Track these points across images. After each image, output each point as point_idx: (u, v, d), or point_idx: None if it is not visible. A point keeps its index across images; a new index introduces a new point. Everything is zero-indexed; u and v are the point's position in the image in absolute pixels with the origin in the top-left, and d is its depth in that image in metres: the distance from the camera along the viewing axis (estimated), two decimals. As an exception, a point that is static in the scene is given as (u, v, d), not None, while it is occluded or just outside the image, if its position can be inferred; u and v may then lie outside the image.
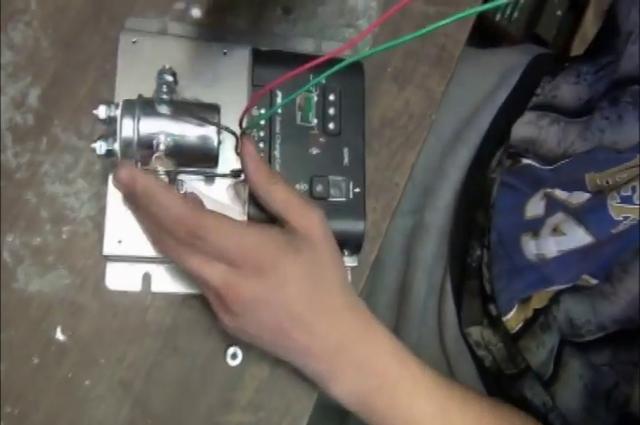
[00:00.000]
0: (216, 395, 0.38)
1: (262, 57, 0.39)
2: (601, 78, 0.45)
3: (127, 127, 0.33)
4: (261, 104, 0.38)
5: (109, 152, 0.34)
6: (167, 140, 0.34)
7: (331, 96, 0.40)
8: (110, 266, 0.37)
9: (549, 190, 0.43)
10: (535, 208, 0.43)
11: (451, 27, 0.44)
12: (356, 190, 0.39)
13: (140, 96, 0.34)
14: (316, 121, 0.39)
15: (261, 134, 0.38)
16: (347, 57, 0.28)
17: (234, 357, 0.38)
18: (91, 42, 0.39)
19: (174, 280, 0.37)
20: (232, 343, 0.38)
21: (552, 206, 0.42)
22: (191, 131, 0.34)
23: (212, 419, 0.38)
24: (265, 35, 0.42)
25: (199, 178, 0.37)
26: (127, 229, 0.36)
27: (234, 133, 0.36)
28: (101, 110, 0.33)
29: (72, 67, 0.39)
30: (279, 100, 0.39)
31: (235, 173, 0.37)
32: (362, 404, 0.34)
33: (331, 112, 0.39)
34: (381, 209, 0.42)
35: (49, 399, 0.36)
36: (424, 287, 0.50)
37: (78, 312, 0.37)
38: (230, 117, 0.36)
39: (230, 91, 0.38)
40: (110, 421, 0.36)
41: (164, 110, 0.34)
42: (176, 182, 0.37)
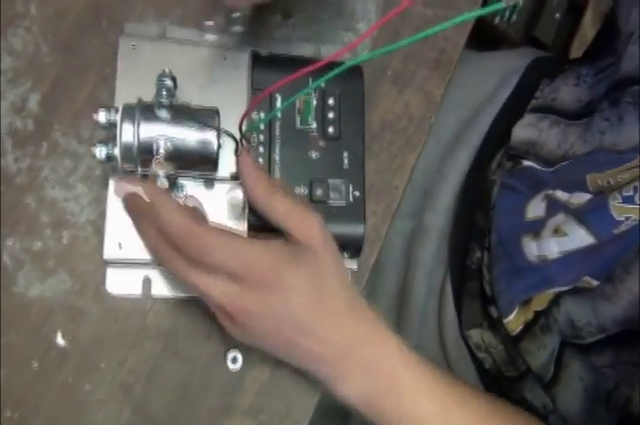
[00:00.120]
0: (217, 399, 0.38)
1: (262, 61, 0.39)
2: (601, 80, 0.45)
3: (127, 132, 0.33)
4: (261, 107, 0.38)
5: (109, 157, 0.34)
6: (166, 144, 0.34)
7: (331, 100, 0.40)
8: (110, 270, 0.37)
9: (550, 192, 0.43)
10: (536, 209, 0.43)
11: (450, 31, 0.44)
12: (356, 194, 0.39)
13: (140, 100, 0.34)
14: (315, 125, 0.39)
15: (261, 137, 0.38)
16: (347, 60, 0.29)
17: (234, 361, 0.38)
18: (91, 47, 0.39)
19: (174, 284, 0.37)
20: (232, 347, 0.38)
21: (553, 207, 0.42)
22: (190, 135, 0.34)
23: (213, 423, 0.38)
24: (264, 39, 0.42)
25: (198, 182, 0.37)
26: (127, 233, 0.36)
27: (234, 137, 0.36)
28: (101, 114, 0.33)
29: (71, 72, 0.39)
30: (279, 104, 0.39)
31: (235, 177, 0.37)
32: (370, 406, 0.34)
33: (331, 115, 0.40)
34: (381, 212, 0.42)
35: (49, 404, 0.36)
36: (424, 289, 0.50)
37: (78, 316, 0.37)
38: (230, 121, 0.36)
39: (230, 95, 0.38)
40: (110, 426, 0.36)
41: (164, 114, 0.34)
42: (176, 186, 0.37)
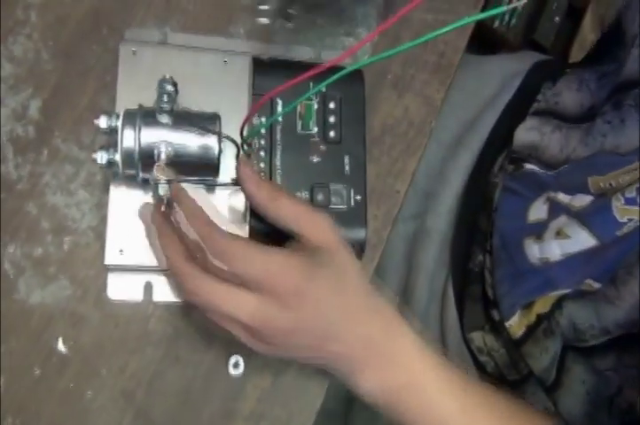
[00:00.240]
0: (218, 404, 0.38)
1: (262, 66, 0.39)
2: (603, 86, 0.45)
3: (128, 137, 0.33)
4: (262, 112, 0.38)
5: (110, 162, 0.34)
6: (168, 149, 0.34)
7: (332, 104, 0.40)
8: (111, 275, 0.37)
9: (551, 194, 0.43)
10: (538, 212, 0.43)
11: (450, 35, 0.45)
12: (357, 198, 0.39)
13: (141, 105, 0.34)
14: (316, 129, 0.39)
15: (262, 142, 0.38)
16: (347, 65, 0.29)
17: (236, 366, 0.38)
18: (91, 53, 0.39)
19: (175, 289, 0.37)
20: (234, 353, 0.38)
21: (555, 210, 0.42)
22: (191, 140, 0.34)
23: (214, 429, 0.38)
24: (265, 44, 0.42)
25: (200, 187, 0.37)
26: (128, 239, 0.36)
27: (235, 142, 0.36)
28: (102, 120, 0.33)
29: (72, 78, 0.39)
30: (280, 108, 0.39)
31: (236, 182, 0.37)
32: (388, 401, 0.34)
33: (332, 119, 0.40)
34: (382, 216, 0.42)
35: (50, 410, 0.36)
36: (425, 292, 0.50)
37: (79, 322, 0.37)
38: (231, 126, 0.36)
39: (231, 100, 0.38)
40: (112, 432, 0.36)
41: (165, 119, 0.34)
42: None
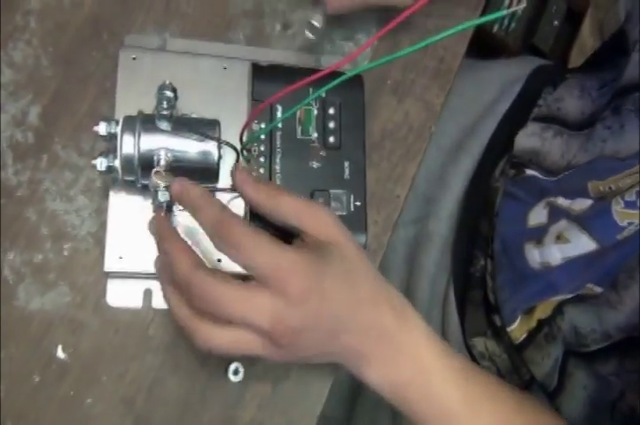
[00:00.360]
0: (218, 412, 0.38)
1: (262, 72, 0.39)
2: (604, 94, 0.45)
3: (127, 144, 0.33)
4: (262, 118, 0.38)
5: (110, 168, 0.34)
6: (167, 156, 0.34)
7: (331, 110, 0.40)
8: (111, 282, 0.37)
9: (551, 199, 0.43)
10: (538, 216, 0.43)
11: (449, 40, 0.45)
12: (357, 204, 0.39)
13: (140, 112, 0.34)
14: (316, 135, 0.39)
15: (262, 148, 0.38)
16: (347, 70, 0.29)
17: (236, 373, 0.38)
18: (91, 59, 0.39)
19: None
20: (234, 359, 0.38)
21: (555, 214, 0.42)
22: (191, 146, 0.34)
23: (215, 436, 0.38)
24: (264, 50, 0.42)
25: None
26: (128, 245, 0.36)
27: (234, 148, 0.36)
28: (101, 126, 0.33)
29: (72, 85, 0.39)
30: (279, 114, 0.39)
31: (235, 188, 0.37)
32: (395, 392, 0.34)
33: (332, 125, 0.40)
34: (382, 222, 0.42)
35: (50, 418, 0.36)
36: (427, 297, 0.50)
37: (79, 329, 0.37)
38: (231, 132, 0.36)
39: (230, 106, 0.39)
40: (112, 439, 0.36)
41: (164, 125, 0.34)
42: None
